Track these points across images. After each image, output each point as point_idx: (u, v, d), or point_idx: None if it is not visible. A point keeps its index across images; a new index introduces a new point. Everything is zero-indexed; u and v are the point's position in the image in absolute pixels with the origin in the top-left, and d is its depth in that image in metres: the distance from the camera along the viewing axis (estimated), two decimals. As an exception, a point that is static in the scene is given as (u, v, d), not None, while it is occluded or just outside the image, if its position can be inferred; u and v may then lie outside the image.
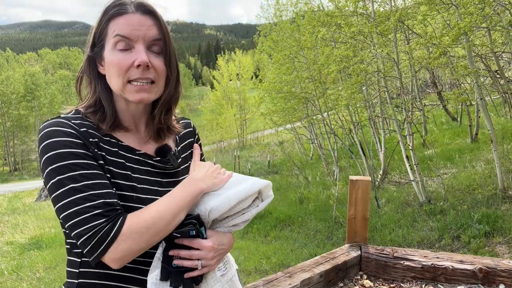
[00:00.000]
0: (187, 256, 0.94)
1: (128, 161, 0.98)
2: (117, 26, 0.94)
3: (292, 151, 19.40)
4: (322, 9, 8.75)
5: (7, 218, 14.15)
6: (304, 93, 10.47)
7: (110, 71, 0.96)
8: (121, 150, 0.99)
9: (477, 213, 5.22)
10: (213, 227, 1.02)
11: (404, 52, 7.77)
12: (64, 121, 0.93)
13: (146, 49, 0.95)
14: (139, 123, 1.06)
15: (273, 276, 2.10)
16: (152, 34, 0.95)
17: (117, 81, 0.95)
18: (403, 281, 2.31)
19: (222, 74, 34.86)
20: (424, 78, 15.58)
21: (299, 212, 7.87)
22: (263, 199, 1.06)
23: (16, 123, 41.71)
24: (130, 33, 0.93)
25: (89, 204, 0.84)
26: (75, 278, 0.97)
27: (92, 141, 0.94)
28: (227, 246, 1.01)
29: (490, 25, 5.46)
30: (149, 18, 0.96)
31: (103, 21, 0.96)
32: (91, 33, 0.99)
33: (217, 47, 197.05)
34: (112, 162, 0.95)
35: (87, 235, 0.83)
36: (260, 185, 1.04)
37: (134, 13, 0.95)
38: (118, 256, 0.84)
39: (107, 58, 0.96)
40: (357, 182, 2.45)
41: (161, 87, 1.00)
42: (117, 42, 0.94)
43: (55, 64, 62.73)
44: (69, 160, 0.87)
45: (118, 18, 0.94)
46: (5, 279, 6.96)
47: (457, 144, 9.92)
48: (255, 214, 1.05)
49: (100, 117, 0.99)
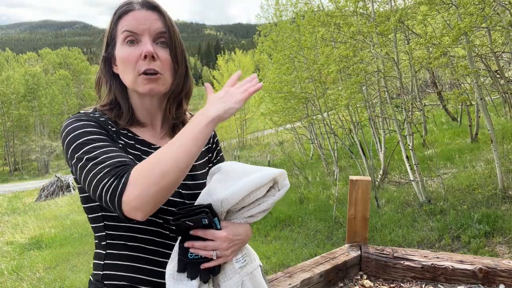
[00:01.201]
0: (202, 247, 0.94)
1: (144, 154, 1.02)
2: (125, 23, 1.00)
3: (292, 151, 19.40)
4: (322, 9, 8.75)
5: (7, 218, 14.17)
6: (304, 93, 10.46)
7: (121, 67, 1.02)
8: (138, 144, 1.04)
9: (477, 213, 5.22)
10: (229, 218, 1.01)
11: (404, 52, 7.76)
12: (83, 114, 1.00)
13: (152, 42, 1.00)
14: (154, 119, 1.10)
15: (273, 276, 2.10)
16: (157, 27, 1.01)
17: (129, 75, 1.00)
18: (403, 281, 2.31)
19: (222, 74, 34.88)
20: (424, 78, 15.58)
21: (299, 212, 7.87)
22: (279, 188, 1.04)
23: (16, 123, 41.69)
24: (137, 28, 0.99)
25: (102, 165, 0.87)
26: (101, 269, 1.02)
27: (111, 130, 1.00)
28: (243, 237, 1.01)
29: (490, 25, 5.46)
30: (154, 13, 1.02)
31: (113, 22, 1.03)
32: (105, 35, 1.06)
33: (217, 47, 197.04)
34: (128, 153, 0.99)
35: (100, 190, 0.85)
36: (274, 174, 1.01)
37: (140, 9, 1.01)
38: (134, 204, 0.82)
39: (117, 54, 1.02)
40: (357, 182, 2.45)
41: (168, 79, 1.04)
42: (125, 38, 1.00)
43: (55, 64, 62.68)
44: (84, 137, 0.92)
45: (125, 15, 1.01)
46: (5, 279, 6.96)
47: (457, 144, 9.92)
48: (272, 204, 1.03)
49: (117, 113, 1.04)
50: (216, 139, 1.26)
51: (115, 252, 1.01)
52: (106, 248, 1.02)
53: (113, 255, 1.01)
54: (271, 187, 1.03)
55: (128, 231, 0.99)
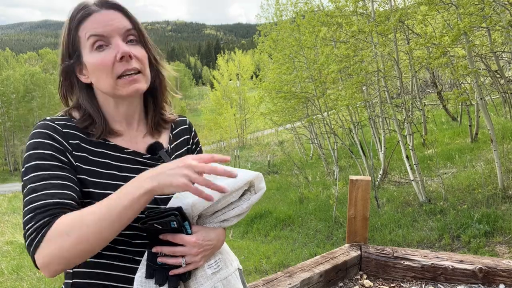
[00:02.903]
0: (170, 252, 0.90)
1: (114, 160, 0.97)
2: (87, 28, 0.93)
3: (292, 151, 19.40)
4: (322, 8, 8.75)
5: (7, 218, 14.17)
6: (304, 92, 10.47)
7: (96, 74, 0.95)
8: (107, 150, 0.98)
9: (477, 213, 5.22)
10: (202, 222, 0.97)
11: (404, 52, 7.77)
12: (47, 122, 0.94)
13: (123, 42, 0.95)
14: (132, 121, 1.04)
15: (273, 276, 2.10)
16: (123, 25, 0.95)
17: (107, 81, 0.94)
18: (403, 281, 2.32)
19: (222, 74, 34.91)
20: (424, 78, 15.58)
21: (299, 212, 7.87)
22: (256, 192, 0.99)
23: (16, 123, 41.69)
24: (103, 30, 0.93)
25: (34, 205, 0.82)
26: (70, 278, 0.98)
27: (72, 143, 0.93)
28: (214, 242, 0.97)
29: (490, 25, 5.46)
30: (115, 11, 0.96)
31: (72, 29, 0.95)
32: (62, 44, 0.98)
33: (217, 47, 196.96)
34: (96, 163, 0.94)
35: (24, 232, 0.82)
36: (249, 177, 0.95)
37: (100, 10, 0.94)
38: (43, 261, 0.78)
39: (89, 62, 0.94)
40: (357, 182, 2.45)
41: (149, 75, 1.00)
42: (93, 43, 0.93)
43: (55, 63, 62.68)
44: (34, 161, 0.88)
45: (85, 20, 0.94)
46: (5, 278, 6.97)
47: (457, 144, 9.92)
48: (248, 208, 0.97)
49: (89, 125, 0.97)
50: (196, 140, 1.20)
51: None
52: None
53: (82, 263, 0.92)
54: (247, 190, 0.99)
55: None
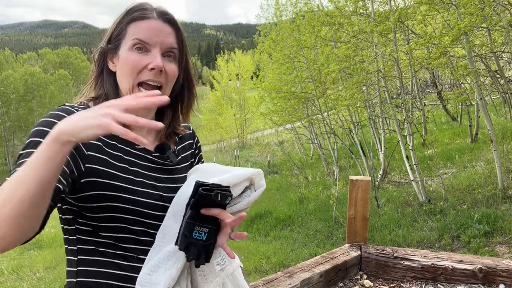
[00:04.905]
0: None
1: (126, 154, 0.99)
2: (137, 30, 0.97)
3: (292, 151, 19.39)
4: (321, 9, 8.75)
5: (7, 218, 14.15)
6: (304, 93, 10.47)
7: (123, 69, 0.98)
8: (120, 144, 0.99)
9: (477, 213, 5.22)
10: None
11: (404, 52, 7.77)
12: (66, 107, 0.95)
13: (161, 55, 0.98)
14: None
15: (273, 276, 2.10)
16: (169, 42, 0.99)
17: (128, 80, 0.97)
18: (403, 281, 2.32)
19: (222, 74, 34.88)
20: (424, 78, 15.58)
21: (299, 212, 7.87)
22: (256, 189, 1.00)
23: (16, 123, 41.72)
24: (149, 38, 0.96)
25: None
26: (74, 277, 0.97)
27: None
28: None
29: (490, 25, 5.46)
30: (169, 26, 0.99)
31: (124, 22, 0.99)
32: (109, 29, 1.01)
33: (217, 47, 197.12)
34: (109, 154, 0.96)
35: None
36: (250, 173, 0.97)
37: (156, 19, 0.98)
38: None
39: (122, 56, 0.98)
40: (357, 182, 2.45)
41: (167, 92, 1.02)
42: (134, 45, 0.96)
43: (55, 64, 62.82)
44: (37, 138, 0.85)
45: (139, 22, 0.97)
46: (5, 278, 6.96)
47: (457, 144, 9.92)
48: (248, 205, 0.98)
49: None
50: (199, 145, 1.24)
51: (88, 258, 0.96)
52: (77, 253, 0.97)
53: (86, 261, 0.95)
54: (247, 187, 1.00)
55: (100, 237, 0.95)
